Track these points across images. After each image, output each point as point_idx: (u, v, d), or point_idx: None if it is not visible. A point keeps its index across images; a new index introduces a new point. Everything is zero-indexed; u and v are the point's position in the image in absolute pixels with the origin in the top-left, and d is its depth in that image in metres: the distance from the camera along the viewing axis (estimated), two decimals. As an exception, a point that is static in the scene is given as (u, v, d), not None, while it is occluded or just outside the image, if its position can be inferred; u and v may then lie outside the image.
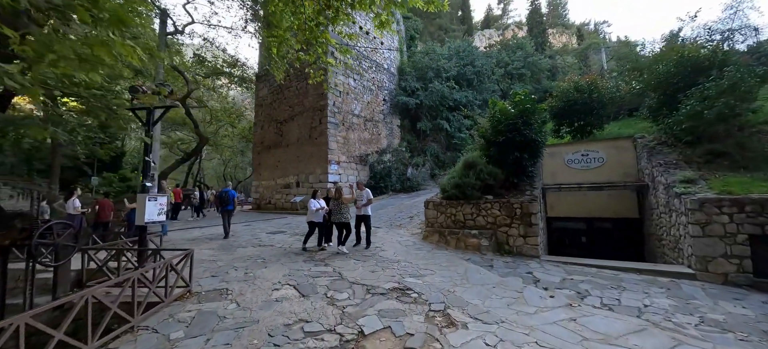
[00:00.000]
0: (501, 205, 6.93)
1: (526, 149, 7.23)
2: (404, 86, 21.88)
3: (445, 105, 21.75)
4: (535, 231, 6.52)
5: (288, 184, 17.68)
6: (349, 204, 6.76)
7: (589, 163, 9.51)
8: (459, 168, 7.93)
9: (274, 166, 18.81)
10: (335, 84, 16.74)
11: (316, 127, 16.44)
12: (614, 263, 5.87)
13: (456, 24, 48.30)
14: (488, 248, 6.63)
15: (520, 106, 7.37)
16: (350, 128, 17.40)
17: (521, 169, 7.54)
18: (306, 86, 17.49)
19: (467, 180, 7.29)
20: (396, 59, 23.10)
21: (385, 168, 18.36)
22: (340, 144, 16.50)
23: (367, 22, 20.18)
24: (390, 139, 20.72)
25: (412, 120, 22.38)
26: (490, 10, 61.45)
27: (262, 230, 9.81)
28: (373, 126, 19.29)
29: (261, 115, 20.77)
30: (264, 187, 19.48)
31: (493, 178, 7.29)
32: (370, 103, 19.36)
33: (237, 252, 6.69)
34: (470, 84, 23.80)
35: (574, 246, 9.59)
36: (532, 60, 27.53)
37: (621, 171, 9.08)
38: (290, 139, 18.01)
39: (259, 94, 21.39)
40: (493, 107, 7.93)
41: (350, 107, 17.61)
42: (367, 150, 18.37)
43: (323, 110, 16.20)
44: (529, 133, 7.11)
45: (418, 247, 7.11)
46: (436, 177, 21.37)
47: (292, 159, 17.66)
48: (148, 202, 4.42)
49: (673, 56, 7.89)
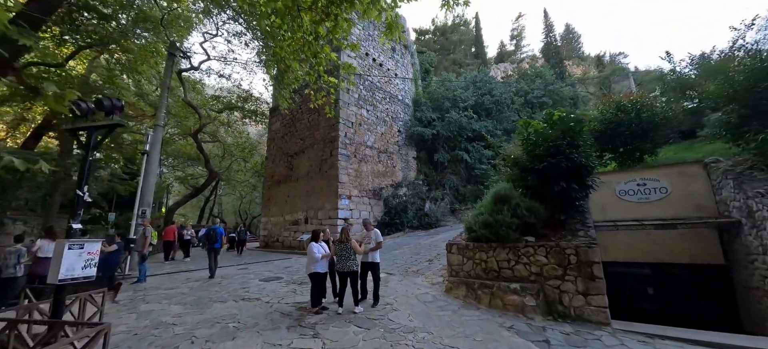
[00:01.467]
0: (548, 250, 5.32)
1: (574, 177, 5.73)
2: (420, 117, 20.96)
3: (464, 136, 20.53)
4: (599, 287, 4.83)
5: (296, 220, 16.51)
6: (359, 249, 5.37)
7: (647, 195, 7.78)
8: (488, 202, 6.44)
9: (283, 202, 17.80)
10: (347, 116, 15.96)
11: (327, 159, 15.47)
12: (730, 339, 4.07)
13: (470, 59, 48.37)
14: (535, 309, 4.96)
15: (561, 125, 5.98)
16: (363, 160, 16.33)
17: (569, 202, 5.98)
18: (318, 118, 16.84)
19: (500, 217, 5.77)
20: (411, 91, 22.45)
21: (400, 203, 16.94)
22: (351, 177, 15.37)
23: (380, 53, 19.85)
24: (405, 172, 19.47)
25: (428, 151, 21.19)
26: (503, 46, 61.78)
27: (256, 275, 8.47)
28: (387, 158, 18.19)
29: (273, 148, 20.22)
30: (272, 223, 18.40)
31: (534, 214, 5.74)
32: (384, 135, 18.41)
33: (210, 310, 5.33)
34: (489, 114, 22.67)
35: (639, 299, 7.62)
36: (552, 88, 26.28)
37: (691, 204, 7.29)
38: (300, 173, 17.10)
39: (272, 127, 21.04)
40: (526, 128, 6.56)
41: (363, 139, 16.67)
42: (380, 183, 17.12)
43: (334, 142, 15.29)
44: (577, 156, 5.64)
45: (440, 304, 5.51)
46: (456, 212, 19.67)
47: (301, 194, 16.62)
48: (67, 250, 3.21)
49: (756, 63, 6.36)
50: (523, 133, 6.55)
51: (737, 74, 6.67)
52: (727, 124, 6.95)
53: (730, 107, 6.83)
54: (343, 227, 5.56)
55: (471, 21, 52.54)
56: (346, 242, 5.29)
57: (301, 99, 18.31)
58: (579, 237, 5.56)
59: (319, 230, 5.88)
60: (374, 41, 19.67)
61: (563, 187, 5.68)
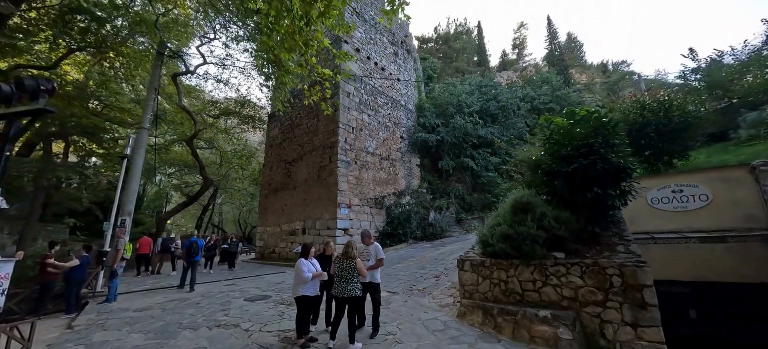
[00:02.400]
0: (584, 269, 4.41)
1: (611, 182, 4.84)
2: (423, 122, 20.18)
3: (469, 142, 19.70)
4: (653, 317, 3.92)
5: (293, 230, 15.61)
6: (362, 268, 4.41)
7: (685, 203, 6.85)
8: (506, 211, 5.54)
9: (280, 211, 16.94)
10: (347, 120, 15.20)
11: (326, 166, 14.65)
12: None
13: (473, 67, 47.89)
14: (571, 343, 4.02)
15: (592, 122, 5.12)
16: (364, 167, 15.49)
17: (602, 212, 5.09)
18: (316, 123, 16.09)
19: (523, 229, 4.86)
20: (414, 96, 21.74)
21: (403, 212, 16.02)
22: (351, 184, 14.51)
23: (381, 57, 19.21)
24: (409, 180, 18.59)
25: (432, 159, 20.34)
26: (505, 54, 61.35)
27: (242, 292, 7.55)
28: (389, 165, 17.34)
29: (271, 156, 19.46)
30: (269, 233, 17.50)
31: (564, 226, 4.83)
32: (387, 141, 17.61)
33: (175, 341, 4.43)
34: (495, 120, 21.87)
35: (679, 323, 6.63)
36: (560, 94, 25.47)
37: (739, 214, 6.35)
38: (298, 181, 16.27)
39: (270, 134, 20.32)
40: (549, 125, 5.71)
41: (364, 144, 15.86)
42: (382, 192, 16.24)
43: (333, 147, 14.48)
44: (614, 157, 4.76)
45: (453, 334, 4.58)
46: (462, 222, 18.70)
47: (298, 202, 15.76)
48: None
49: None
50: (545, 132, 5.69)
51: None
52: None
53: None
54: (348, 241, 4.60)
55: (473, 30, 52.37)
56: (351, 259, 4.26)
57: (300, 103, 17.66)
58: (619, 253, 4.64)
59: (310, 244, 5.00)
60: (376, 45, 19.07)
61: (598, 193, 4.79)
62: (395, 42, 21.01)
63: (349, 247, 4.38)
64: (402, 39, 22.09)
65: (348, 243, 4.43)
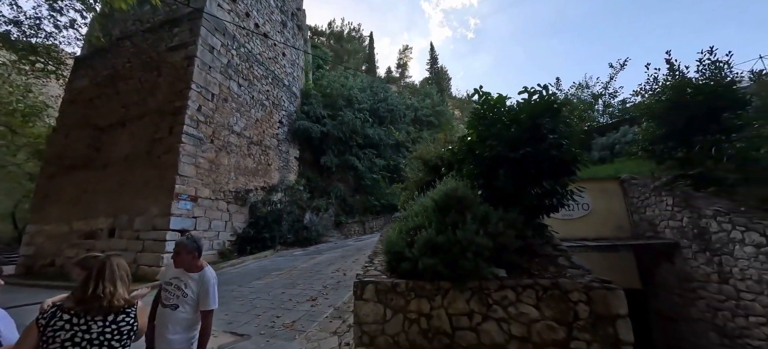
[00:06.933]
0: (540, 294, 3.02)
1: (561, 176, 3.78)
2: (308, 110, 17.57)
3: (356, 141, 18.27)
4: (631, 363, 2.79)
5: (94, 230, 10.23)
6: None
7: (571, 211, 6.87)
8: (428, 210, 3.82)
9: (74, 200, 11.01)
10: (206, 82, 11.16)
11: (164, 138, 10.17)
12: None
13: (362, 73, 48.28)
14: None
15: (540, 104, 3.99)
16: (224, 150, 11.69)
17: (544, 213, 4.00)
18: (156, 79, 11.26)
19: (461, 234, 3.20)
20: (300, 80, 18.87)
21: (273, 211, 12.93)
22: (202, 170, 10.55)
23: (266, 21, 15.67)
24: (284, 173, 15.53)
25: (315, 152, 17.88)
26: (390, 71, 65.10)
27: None
28: (261, 152, 13.93)
29: (71, 116, 12.80)
30: (47, 234, 11.12)
31: (513, 231, 3.42)
32: (260, 122, 14.15)
33: None
34: (382, 122, 21.29)
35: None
36: (439, 109, 27.46)
37: (612, 224, 6.68)
38: (112, 157, 10.92)
39: (73, 84, 13.49)
40: (483, 101, 4.38)
41: (228, 120, 12.06)
42: (248, 184, 12.72)
43: (179, 114, 10.21)
44: (567, 145, 3.71)
45: None
46: (342, 226, 16.87)
47: (109, 189, 10.48)
48: None
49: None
50: (479, 109, 4.32)
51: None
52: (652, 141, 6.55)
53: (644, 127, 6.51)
54: (106, 256, 1.78)
55: (366, 38, 52.98)
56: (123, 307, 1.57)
57: (133, 47, 12.28)
58: (565, 268, 3.53)
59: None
60: (261, 4, 15.43)
61: (546, 189, 3.62)
62: (285, 11, 17.77)
63: (106, 268, 1.64)
64: (294, 11, 19.00)
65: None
